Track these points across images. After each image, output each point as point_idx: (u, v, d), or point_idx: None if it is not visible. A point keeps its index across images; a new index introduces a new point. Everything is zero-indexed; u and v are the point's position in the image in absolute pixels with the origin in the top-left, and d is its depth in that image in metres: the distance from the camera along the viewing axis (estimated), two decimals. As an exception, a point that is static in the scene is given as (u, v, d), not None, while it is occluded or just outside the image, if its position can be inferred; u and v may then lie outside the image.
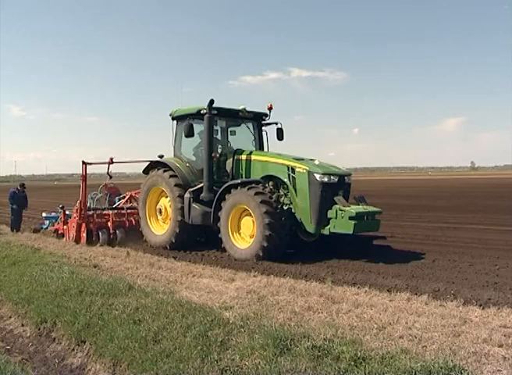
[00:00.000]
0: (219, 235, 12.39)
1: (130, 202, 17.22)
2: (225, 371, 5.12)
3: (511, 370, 4.75)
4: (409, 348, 5.33)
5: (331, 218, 11.19)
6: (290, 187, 12.02)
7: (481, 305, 7.09)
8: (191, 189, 13.29)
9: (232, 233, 12.21)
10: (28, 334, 7.80)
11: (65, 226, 16.44)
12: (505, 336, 5.72)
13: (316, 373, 4.79)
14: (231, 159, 13.53)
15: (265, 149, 14.67)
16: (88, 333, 6.83)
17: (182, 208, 13.29)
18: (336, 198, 11.37)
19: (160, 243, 14.08)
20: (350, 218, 10.83)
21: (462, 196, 36.83)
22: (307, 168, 11.67)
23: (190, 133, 13.15)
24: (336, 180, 11.75)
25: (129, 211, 16.07)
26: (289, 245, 11.93)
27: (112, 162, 16.46)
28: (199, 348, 5.66)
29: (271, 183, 12.44)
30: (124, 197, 17.91)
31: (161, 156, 14.94)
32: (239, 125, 14.60)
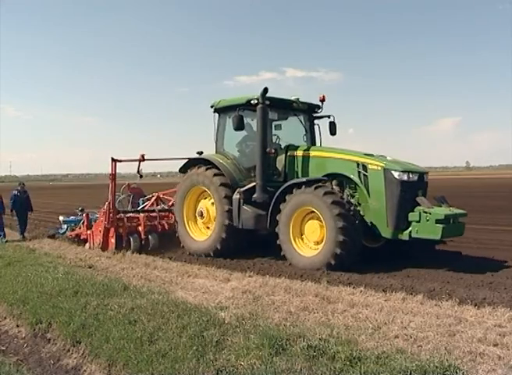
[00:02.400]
0: (278, 242, 10.89)
1: (157, 204, 15.83)
2: (221, 371, 5.11)
3: (506, 369, 4.77)
4: (404, 347, 5.35)
5: (412, 221, 9.88)
6: (361, 187, 10.67)
7: (476, 305, 7.10)
8: (241, 189, 11.76)
9: (295, 240, 10.69)
10: (23, 335, 7.77)
11: (88, 231, 14.66)
12: (500, 335, 5.74)
13: (312, 373, 4.79)
14: (282, 156, 12.13)
15: (318, 145, 13.23)
16: (83, 333, 6.81)
17: (229, 211, 11.77)
18: (418, 199, 10.14)
19: (202, 250, 12.46)
20: (438, 221, 9.54)
21: (457, 196, 36.89)
22: (383, 165, 10.35)
23: (239, 126, 11.66)
24: (416, 178, 10.47)
25: (161, 214, 14.56)
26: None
27: (143, 159, 14.58)
28: (194, 348, 5.66)
29: (334, 182, 10.95)
30: (148, 199, 16.57)
31: (201, 153, 13.47)
32: (286, 118, 13.17)
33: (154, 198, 16.12)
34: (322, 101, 12.95)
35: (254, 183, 11.58)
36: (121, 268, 10.88)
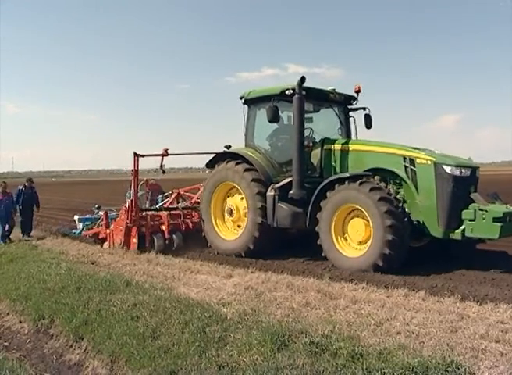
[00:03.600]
0: (318, 241, 10.21)
1: (178, 202, 15.11)
2: (223, 367, 5.13)
3: (508, 366, 4.77)
4: (406, 343, 5.35)
5: (466, 219, 9.23)
6: (408, 183, 9.95)
7: (478, 301, 7.09)
8: (276, 185, 11.08)
9: (337, 239, 9.99)
10: (26, 331, 7.80)
11: (108, 230, 13.81)
12: (502, 332, 5.74)
13: (314, 369, 4.80)
14: (318, 150, 11.36)
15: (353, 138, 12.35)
16: (86, 329, 6.84)
17: (262, 208, 11.09)
18: (472, 196, 9.48)
19: (232, 250, 11.73)
20: (495, 220, 8.88)
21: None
22: (433, 159, 9.65)
23: (275, 118, 11.03)
24: (469, 173, 9.74)
25: (184, 212, 13.75)
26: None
27: (166, 153, 13.98)
28: (197, 344, 5.68)
29: (376, 177, 10.13)
30: (167, 195, 15.92)
31: (229, 146, 12.80)
32: (318, 110, 12.40)
33: (174, 195, 15.42)
34: (358, 92, 12.26)
35: (289, 179, 10.91)
36: (123, 264, 10.88)
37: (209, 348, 5.58)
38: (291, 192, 10.60)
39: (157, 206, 14.94)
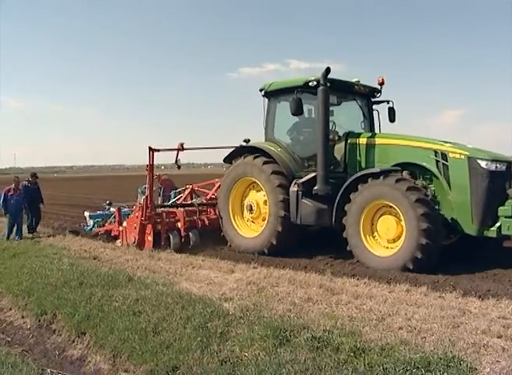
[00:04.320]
0: (344, 234, 9.86)
1: (191, 198, 14.65)
2: (225, 362, 5.15)
3: (510, 361, 4.77)
4: (408, 339, 5.35)
5: (502, 216, 8.83)
6: (439, 178, 9.53)
7: (480, 297, 7.09)
8: (300, 180, 10.63)
9: (365, 236, 9.60)
10: (28, 326, 7.83)
11: (121, 228, 13.37)
12: (504, 327, 5.73)
13: (316, 364, 4.80)
14: (342, 144, 10.92)
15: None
16: (88, 324, 6.86)
17: (285, 201, 10.70)
18: (509, 191, 9.16)
19: (253, 248, 11.29)
20: None
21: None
22: (467, 153, 9.25)
23: (298, 111, 10.59)
24: (504, 168, 9.31)
25: (200, 208, 13.36)
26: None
27: (182, 148, 13.42)
28: (199, 339, 5.69)
29: (404, 172, 9.61)
30: (180, 191, 15.43)
31: (248, 141, 12.42)
32: (340, 103, 11.85)
33: (188, 191, 14.86)
34: (381, 84, 11.83)
35: (313, 174, 10.47)
36: (125, 259, 10.88)
37: (211, 343, 5.60)
38: (315, 188, 10.20)
39: (169, 202, 14.65)
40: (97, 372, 5.93)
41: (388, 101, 12.04)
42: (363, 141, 10.64)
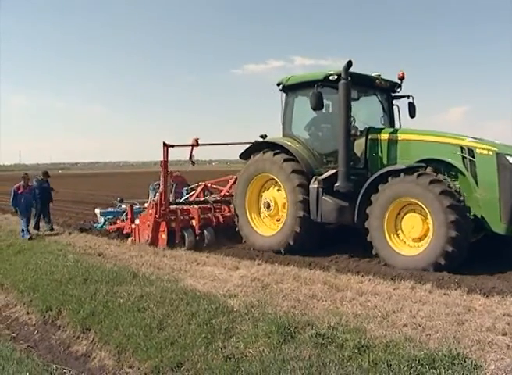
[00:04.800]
0: (368, 238, 9.53)
1: (204, 195, 14.45)
2: (230, 359, 5.16)
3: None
4: (413, 336, 5.34)
5: None
6: (466, 175, 9.17)
7: (485, 294, 7.07)
8: (320, 177, 10.31)
9: (390, 236, 9.27)
10: (33, 322, 7.86)
11: (133, 225, 13.04)
12: (509, 324, 5.71)
13: (320, 361, 4.81)
14: (362, 140, 10.56)
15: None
16: (93, 320, 6.88)
17: (304, 201, 10.37)
18: None
19: (270, 246, 11.04)
20: None
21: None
22: (495, 149, 8.90)
23: (319, 105, 10.23)
24: None
25: (215, 205, 13.13)
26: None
27: (197, 144, 13.06)
28: (203, 335, 5.71)
29: (428, 169, 9.35)
30: (193, 188, 15.16)
31: (265, 136, 12.13)
32: (358, 98, 11.36)
33: (200, 188, 14.66)
34: (402, 79, 11.53)
35: (333, 171, 10.16)
36: (130, 256, 10.90)
37: (216, 339, 5.61)
38: (337, 185, 9.85)
39: (181, 199, 14.40)
40: (102, 368, 5.95)
41: (408, 96, 11.78)
42: (385, 136, 10.31)
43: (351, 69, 9.89)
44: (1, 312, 8.64)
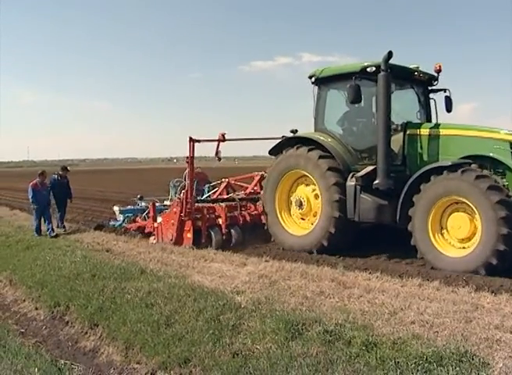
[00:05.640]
0: (412, 242, 9.04)
1: (227, 192, 13.96)
2: (237, 355, 5.17)
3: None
4: (420, 333, 5.33)
5: None
6: None
7: (493, 292, 7.02)
8: (358, 174, 9.83)
9: (434, 235, 8.77)
10: (42, 318, 7.90)
11: (155, 224, 12.56)
12: (517, 322, 5.70)
13: (327, 358, 4.81)
14: (400, 135, 10.09)
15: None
16: (101, 316, 6.91)
17: (340, 201, 9.88)
18: None
19: (301, 246, 10.54)
20: None
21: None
22: None
23: (357, 98, 9.78)
24: None
25: (241, 203, 12.60)
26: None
27: (223, 139, 12.58)
28: (211, 331, 5.72)
29: (473, 166, 8.74)
30: (214, 186, 14.57)
31: (295, 131, 11.70)
32: (392, 92, 10.12)
33: (223, 185, 14.14)
34: (438, 71, 10.87)
35: (371, 168, 9.73)
36: (138, 252, 10.92)
37: (223, 335, 5.62)
38: (376, 182, 9.41)
39: (203, 197, 13.84)
40: (110, 363, 5.98)
41: (445, 90, 11.25)
42: (424, 131, 9.84)
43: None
44: (9, 307, 8.69)
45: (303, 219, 11.02)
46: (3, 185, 48.90)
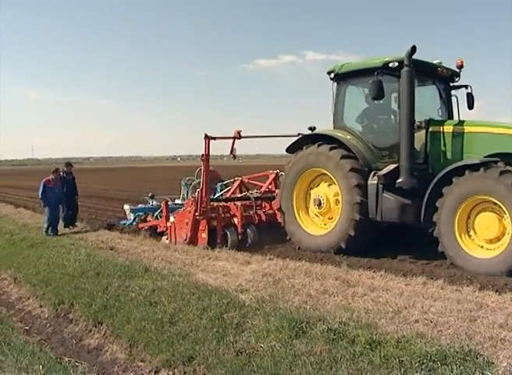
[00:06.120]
0: (440, 246, 8.72)
1: (241, 191, 13.67)
2: (241, 353, 5.18)
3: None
4: (424, 332, 5.32)
5: None
6: None
7: (497, 291, 7.00)
8: (380, 172, 9.50)
9: (460, 236, 8.46)
10: (46, 315, 7.93)
11: (168, 223, 12.26)
12: (521, 321, 5.68)
13: (331, 356, 4.81)
14: (422, 132, 9.75)
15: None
16: (105, 314, 6.93)
17: (361, 203, 9.58)
18: None
19: (319, 246, 10.25)
20: None
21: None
22: None
23: (380, 94, 9.46)
24: None
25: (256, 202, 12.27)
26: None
27: (239, 136, 12.15)
28: (215, 330, 5.73)
29: (499, 164, 8.42)
30: (227, 184, 14.25)
31: (313, 128, 11.42)
32: (416, 87, 9.79)
33: (237, 184, 13.79)
34: (461, 67, 10.58)
35: (394, 166, 9.48)
36: (142, 250, 10.92)
37: (227, 334, 5.63)
38: (400, 181, 9.16)
39: (215, 196, 13.46)
40: (114, 361, 6.00)
41: (466, 86, 10.92)
42: (448, 128, 9.53)
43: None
44: (14, 305, 8.73)
45: (321, 218, 10.74)
46: (8, 183, 49.04)
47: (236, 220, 11.47)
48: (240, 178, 13.84)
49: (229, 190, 13.79)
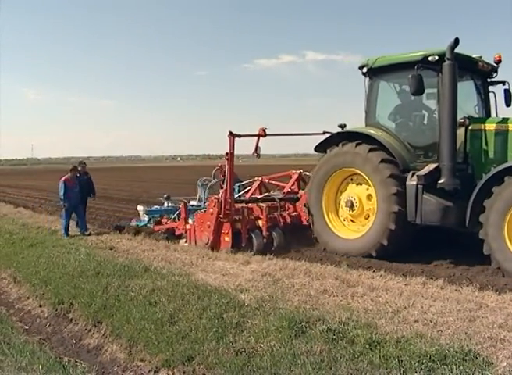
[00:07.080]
0: (486, 249, 8.21)
1: (261, 192, 13.05)
2: (240, 353, 5.18)
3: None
4: (424, 332, 5.33)
5: None
6: None
7: (497, 291, 7.01)
8: (420, 173, 8.94)
9: (510, 241, 7.92)
10: (46, 315, 7.93)
11: (188, 226, 11.72)
12: (521, 321, 5.68)
13: (331, 356, 4.81)
14: (461, 131, 9.13)
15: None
16: (105, 314, 6.93)
17: (398, 194, 9.04)
18: None
19: (356, 250, 9.65)
20: None
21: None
22: None
23: (420, 89, 8.97)
24: None
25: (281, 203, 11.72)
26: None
27: (264, 134, 11.51)
28: (214, 329, 5.73)
29: None
30: (246, 185, 13.65)
31: (344, 126, 10.86)
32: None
33: (256, 184, 13.19)
34: (498, 63, 10.12)
35: (434, 165, 8.97)
36: (142, 250, 10.92)
37: (227, 333, 5.62)
38: (441, 181, 8.64)
39: (240, 196, 12.80)
40: (114, 361, 6.00)
41: (504, 83, 10.42)
42: (490, 126, 9.02)
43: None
44: (14, 304, 8.73)
45: (352, 221, 10.24)
46: (8, 183, 49.04)
47: (260, 223, 10.86)
48: (259, 178, 13.32)
49: (247, 191, 13.27)
